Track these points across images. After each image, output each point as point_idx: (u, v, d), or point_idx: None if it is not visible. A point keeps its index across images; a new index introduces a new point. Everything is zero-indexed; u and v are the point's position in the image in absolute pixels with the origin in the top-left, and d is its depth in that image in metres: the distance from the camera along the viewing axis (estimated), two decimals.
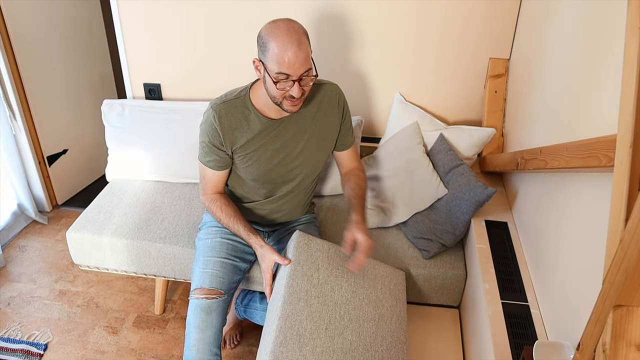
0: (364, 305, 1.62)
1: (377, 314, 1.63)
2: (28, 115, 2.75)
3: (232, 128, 1.66)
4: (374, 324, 1.60)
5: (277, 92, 1.53)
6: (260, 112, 1.67)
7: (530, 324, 1.53)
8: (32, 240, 2.81)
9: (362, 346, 1.53)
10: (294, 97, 1.53)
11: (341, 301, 1.58)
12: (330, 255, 1.67)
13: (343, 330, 1.52)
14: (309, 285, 1.55)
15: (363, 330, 1.56)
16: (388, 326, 1.63)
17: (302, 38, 1.49)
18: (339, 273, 1.64)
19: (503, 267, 1.76)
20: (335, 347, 1.47)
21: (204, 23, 2.34)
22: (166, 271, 2.10)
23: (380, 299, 1.68)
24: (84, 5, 2.98)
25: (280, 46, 1.45)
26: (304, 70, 1.49)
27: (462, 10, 2.16)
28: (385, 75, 2.35)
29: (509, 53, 2.23)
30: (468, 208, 1.91)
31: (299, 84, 1.50)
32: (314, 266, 1.61)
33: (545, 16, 1.81)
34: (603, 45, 1.30)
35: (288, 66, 1.46)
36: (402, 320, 1.70)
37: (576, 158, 1.28)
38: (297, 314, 1.48)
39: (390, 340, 1.60)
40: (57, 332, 2.25)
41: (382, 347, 1.57)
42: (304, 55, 1.47)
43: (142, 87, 2.56)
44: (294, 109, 1.59)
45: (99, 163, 3.26)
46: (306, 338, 1.45)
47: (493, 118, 2.25)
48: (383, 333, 1.60)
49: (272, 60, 1.47)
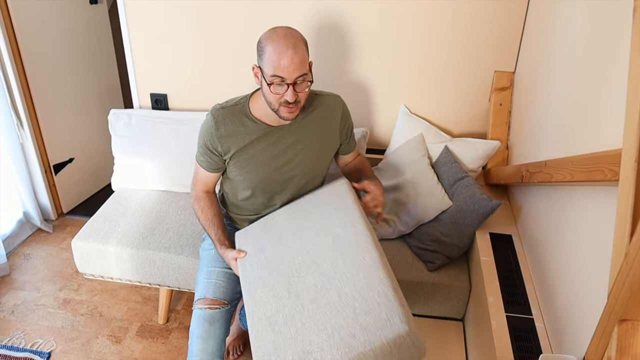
0: (314, 242, 1.50)
1: (330, 239, 1.48)
2: (35, 124, 2.77)
3: (229, 134, 1.67)
4: (330, 250, 1.46)
5: (272, 96, 1.54)
6: (258, 120, 1.68)
7: (535, 337, 1.53)
8: (37, 248, 2.82)
9: (327, 280, 1.39)
10: (289, 102, 1.53)
11: (292, 257, 1.50)
12: (268, 228, 1.64)
13: (305, 281, 1.42)
14: (259, 270, 1.52)
15: (323, 265, 1.43)
16: (344, 241, 1.46)
17: (298, 43, 1.50)
18: (282, 236, 1.58)
19: (507, 280, 1.76)
20: (303, 302, 1.37)
21: (211, 34, 2.36)
22: (170, 281, 2.11)
23: (328, 223, 1.53)
24: (93, 15, 3.01)
25: (276, 49, 1.47)
26: (298, 74, 1.49)
27: (468, 24, 2.17)
28: (390, 87, 2.36)
29: (514, 66, 2.24)
30: (473, 220, 1.91)
31: (294, 88, 1.51)
32: (258, 250, 1.58)
33: (550, 30, 1.83)
34: (608, 59, 1.31)
35: (282, 69, 1.47)
36: (355, 225, 1.49)
37: (581, 172, 1.29)
38: (258, 302, 1.45)
39: (350, 252, 1.42)
40: (60, 341, 2.25)
41: (346, 265, 1.40)
42: (299, 59, 1.48)
43: (149, 97, 2.58)
44: (290, 115, 1.59)
45: (105, 172, 3.28)
46: (273, 316, 1.39)
47: (498, 131, 2.26)
48: (342, 251, 1.44)
49: (268, 63, 1.49)
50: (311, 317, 1.33)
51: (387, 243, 2.11)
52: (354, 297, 1.32)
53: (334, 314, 1.31)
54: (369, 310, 1.27)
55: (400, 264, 2.00)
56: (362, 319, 1.27)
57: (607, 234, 1.20)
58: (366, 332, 1.24)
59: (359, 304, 1.30)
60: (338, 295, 1.34)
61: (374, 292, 1.30)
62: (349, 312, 1.29)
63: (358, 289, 1.33)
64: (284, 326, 1.35)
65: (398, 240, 2.12)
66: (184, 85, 2.53)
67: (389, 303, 1.27)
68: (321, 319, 1.31)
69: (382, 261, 1.40)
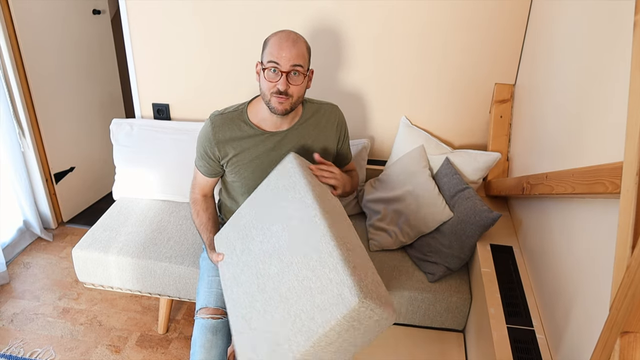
0: (273, 229, 1.46)
1: (285, 222, 1.43)
2: (37, 133, 2.78)
3: (226, 139, 1.71)
4: (286, 233, 1.40)
5: (266, 83, 1.58)
6: (255, 125, 1.71)
7: (536, 349, 1.52)
8: (36, 257, 2.81)
9: (286, 266, 1.35)
10: (280, 92, 1.56)
11: (258, 249, 1.47)
12: (236, 224, 1.63)
13: (269, 272, 1.39)
14: (232, 268, 1.53)
15: (281, 251, 1.39)
16: (295, 220, 1.41)
17: (299, 40, 1.57)
18: (247, 230, 1.56)
19: (508, 291, 1.76)
20: (270, 293, 1.35)
21: (214, 45, 2.37)
22: (171, 290, 2.10)
23: (283, 205, 1.48)
24: (96, 25, 3.03)
25: (276, 40, 1.56)
26: (293, 63, 1.54)
27: (469, 36, 2.19)
28: (391, 98, 2.38)
29: (514, 79, 2.25)
30: (473, 232, 1.91)
31: (287, 78, 1.55)
32: (230, 249, 1.59)
33: (551, 43, 1.84)
34: (609, 72, 1.32)
35: (278, 55, 1.53)
36: (304, 198, 1.43)
37: (582, 184, 1.30)
38: (235, 301, 1.45)
39: (302, 230, 1.37)
40: (59, 350, 2.25)
41: (299, 244, 1.36)
42: (296, 51, 1.54)
43: (151, 107, 2.59)
44: (279, 107, 1.60)
45: (106, 181, 3.28)
46: (248, 313, 1.39)
47: (498, 142, 2.27)
48: (294, 231, 1.39)
49: (267, 52, 1.57)
50: (277, 308, 1.31)
51: (387, 254, 2.11)
52: (309, 277, 1.28)
53: (295, 299, 1.28)
54: (323, 289, 1.24)
55: (401, 275, 2.01)
56: (318, 300, 1.24)
57: (609, 245, 1.21)
58: (323, 312, 1.21)
59: (314, 283, 1.26)
60: (296, 279, 1.31)
61: (325, 269, 1.26)
62: (307, 294, 1.26)
63: (312, 268, 1.29)
64: (257, 321, 1.35)
65: (399, 251, 2.13)
66: (186, 95, 2.54)
67: (338, 277, 1.22)
68: (285, 308, 1.29)
69: (334, 230, 1.34)
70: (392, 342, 1.96)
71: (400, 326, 2.02)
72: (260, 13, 2.27)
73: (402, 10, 2.18)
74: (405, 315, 1.99)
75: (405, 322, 2.01)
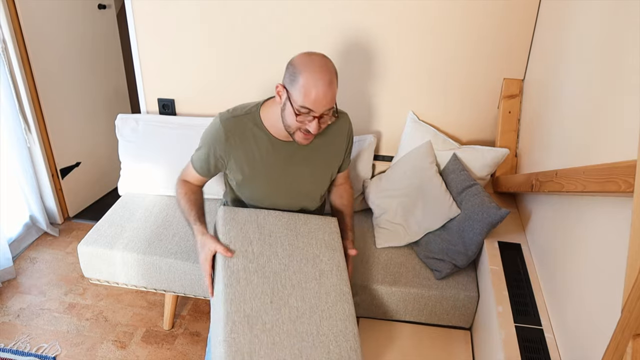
0: (302, 266, 1.59)
1: (317, 272, 1.59)
2: (42, 128, 2.78)
3: (238, 145, 1.65)
4: (316, 283, 1.56)
5: (295, 123, 1.52)
6: (268, 131, 1.66)
7: (545, 348, 1.51)
8: (42, 252, 2.81)
9: (308, 309, 1.50)
10: (309, 131, 1.53)
11: (280, 269, 1.56)
12: (260, 224, 1.64)
13: (287, 299, 1.50)
14: (246, 262, 1.54)
15: (306, 293, 1.53)
16: (330, 281, 1.58)
17: (333, 78, 1.48)
18: (272, 240, 1.62)
19: (516, 289, 1.74)
20: (283, 318, 1.45)
21: (220, 39, 2.36)
22: (176, 287, 2.10)
23: (318, 255, 1.63)
24: (101, 20, 3.02)
25: (311, 81, 1.44)
26: (327, 108, 1.49)
27: (477, 31, 2.16)
28: (398, 93, 2.35)
29: (523, 74, 2.22)
30: (481, 229, 1.89)
31: (319, 121, 1.50)
32: (246, 240, 1.59)
33: (562, 37, 1.81)
34: (623, 68, 1.30)
35: (314, 102, 1.45)
36: (342, 271, 1.63)
37: (594, 182, 1.27)
38: (241, 295, 1.46)
39: (334, 295, 1.55)
40: (65, 346, 2.25)
41: (328, 304, 1.53)
42: (331, 94, 1.48)
43: (157, 102, 2.58)
44: (305, 142, 1.58)
45: (111, 177, 3.28)
46: (254, 317, 1.43)
47: (506, 138, 2.25)
48: (326, 289, 1.56)
49: (299, 92, 1.46)
50: (288, 337, 1.43)
51: (394, 251, 2.09)
52: (329, 339, 1.46)
53: (309, 345, 1.43)
54: (340, 359, 1.43)
55: (408, 272, 1.99)
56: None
57: (621, 245, 1.18)
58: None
59: (334, 347, 1.44)
60: (317, 330, 1.47)
61: (347, 345, 1.46)
62: (324, 351, 1.43)
63: (335, 333, 1.47)
64: (262, 333, 1.41)
65: (405, 248, 2.11)
66: (191, 91, 2.52)
67: (356, 356, 1.46)
68: (297, 345, 1.42)
69: (354, 315, 1.55)
70: (398, 339, 1.95)
71: (407, 323, 2.01)
72: (268, 7, 2.24)
73: (409, 5, 2.15)
74: (411, 313, 1.98)
75: (411, 320, 2.00)
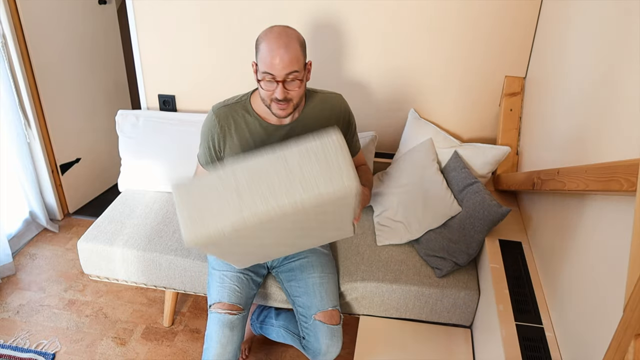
0: None
1: None
2: (42, 124, 2.77)
3: (232, 131, 1.68)
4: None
5: (264, 92, 1.56)
6: (259, 116, 1.69)
7: (545, 347, 1.50)
8: (42, 248, 2.81)
9: None
10: (279, 99, 1.54)
11: None
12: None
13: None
14: None
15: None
16: None
17: (291, 42, 1.50)
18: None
19: (517, 287, 1.74)
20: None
21: (220, 36, 2.35)
22: (176, 283, 2.09)
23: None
24: (101, 16, 3.01)
25: (268, 47, 1.49)
26: (287, 71, 1.50)
27: (479, 29, 2.15)
28: (399, 91, 2.35)
29: (525, 71, 2.21)
30: (482, 227, 1.89)
31: (283, 86, 1.52)
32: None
33: (563, 35, 1.80)
34: (626, 66, 1.29)
35: (271, 65, 1.49)
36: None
37: (596, 181, 1.27)
38: None
39: None
40: (65, 342, 2.25)
41: None
42: (289, 57, 1.49)
43: (157, 98, 2.57)
44: (281, 112, 1.59)
45: (111, 173, 3.27)
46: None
47: (508, 136, 2.24)
48: None
49: (261, 60, 1.51)
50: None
51: (395, 248, 2.09)
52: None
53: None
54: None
55: (408, 270, 1.99)
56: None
57: (623, 244, 1.18)
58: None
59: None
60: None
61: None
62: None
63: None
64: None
65: (406, 246, 2.10)
66: (192, 87, 2.52)
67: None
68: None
69: None
70: (398, 337, 1.94)
71: (407, 321, 2.01)
72: (267, 2, 2.23)
73: (411, 1, 2.14)
74: (412, 311, 1.97)
75: (412, 317, 2.00)
